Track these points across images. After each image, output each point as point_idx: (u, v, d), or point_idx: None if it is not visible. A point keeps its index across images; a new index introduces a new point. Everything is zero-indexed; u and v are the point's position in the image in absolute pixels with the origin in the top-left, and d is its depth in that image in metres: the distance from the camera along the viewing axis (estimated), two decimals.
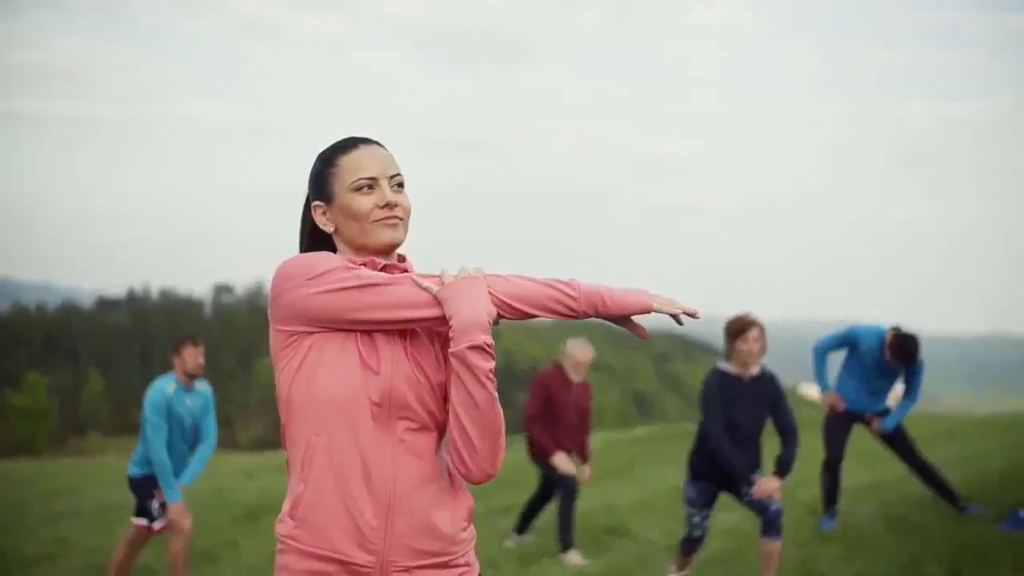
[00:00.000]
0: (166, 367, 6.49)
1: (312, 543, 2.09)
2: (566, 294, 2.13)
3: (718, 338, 5.91)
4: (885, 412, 7.01)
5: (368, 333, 2.10)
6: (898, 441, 7.03)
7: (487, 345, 2.04)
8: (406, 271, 2.21)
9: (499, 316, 2.11)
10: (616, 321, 2.17)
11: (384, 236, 2.16)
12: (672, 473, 12.64)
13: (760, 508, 5.32)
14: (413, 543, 2.10)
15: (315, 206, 2.22)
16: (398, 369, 2.10)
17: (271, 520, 10.96)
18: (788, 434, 5.43)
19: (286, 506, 2.14)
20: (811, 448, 7.00)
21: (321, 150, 2.25)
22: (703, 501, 5.56)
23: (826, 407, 7.11)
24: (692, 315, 2.18)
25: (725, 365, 5.44)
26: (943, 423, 13.92)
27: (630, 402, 77.54)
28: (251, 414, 59.82)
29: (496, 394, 2.08)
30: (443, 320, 2.08)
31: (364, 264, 2.16)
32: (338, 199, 2.17)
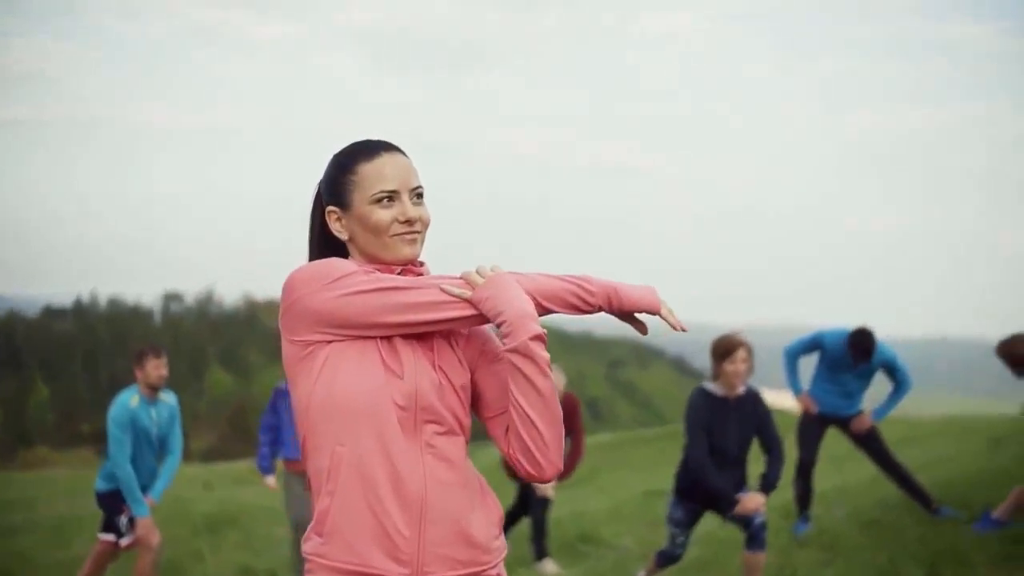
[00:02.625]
0: (113, 377, 6.42)
1: (341, 558, 2.00)
2: (584, 288, 2.12)
3: (672, 345, 5.88)
4: (859, 415, 7.03)
5: (388, 338, 2.03)
6: (872, 444, 7.07)
7: (544, 335, 2.01)
8: (421, 276, 2.14)
9: None
10: (621, 317, 2.17)
11: (403, 251, 2.10)
12: (635, 479, 12.66)
13: (744, 522, 5.28)
14: (447, 552, 2.03)
15: (330, 212, 2.14)
16: (422, 373, 2.04)
17: (233, 531, 10.79)
18: (773, 451, 5.40)
19: (312, 523, 2.06)
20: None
21: (337, 151, 2.17)
22: (688, 521, 5.51)
23: (801, 409, 7.13)
24: (682, 330, 2.21)
25: (711, 386, 5.36)
26: (900, 427, 14.03)
27: (583, 409, 77.63)
28: (203, 424, 58.98)
29: None
30: (471, 321, 2.04)
31: (379, 269, 2.09)
32: (356, 209, 2.10)
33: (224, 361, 72.19)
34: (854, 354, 6.79)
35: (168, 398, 6.31)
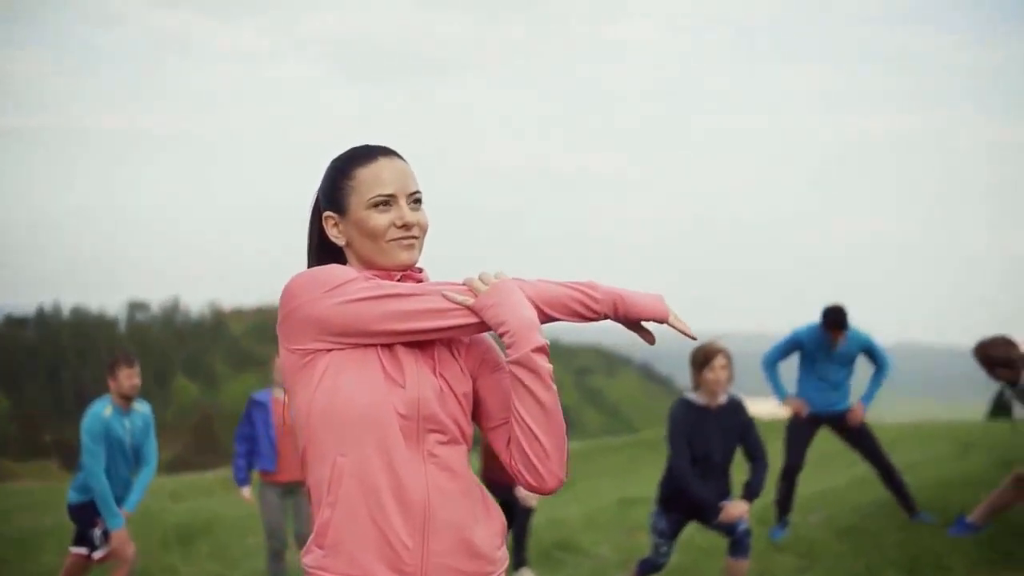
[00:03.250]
0: (77, 387, 6.31)
1: (344, 570, 1.96)
2: (588, 295, 2.07)
3: (640, 352, 5.87)
4: (852, 409, 7.05)
5: (389, 346, 2.00)
6: (866, 441, 7.08)
7: (547, 346, 1.97)
8: (421, 282, 2.11)
9: None
10: (627, 325, 2.12)
11: (400, 257, 2.07)
12: (609, 487, 12.64)
13: (728, 529, 5.28)
14: (451, 562, 1.99)
15: (327, 217, 2.12)
16: (424, 381, 2.01)
17: (204, 543, 10.66)
18: (757, 459, 5.40)
19: (312, 535, 2.01)
20: None
21: (335, 157, 2.14)
22: (672, 531, 5.50)
23: (791, 413, 7.13)
24: (691, 337, 2.18)
25: (692, 395, 5.35)
26: None
27: None
28: (168, 434, 58.30)
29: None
30: (473, 328, 2.01)
31: (378, 275, 2.06)
32: (353, 213, 2.07)
33: (190, 370, 71.58)
34: (830, 332, 6.83)
35: (142, 408, 6.22)
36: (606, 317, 2.09)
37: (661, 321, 2.11)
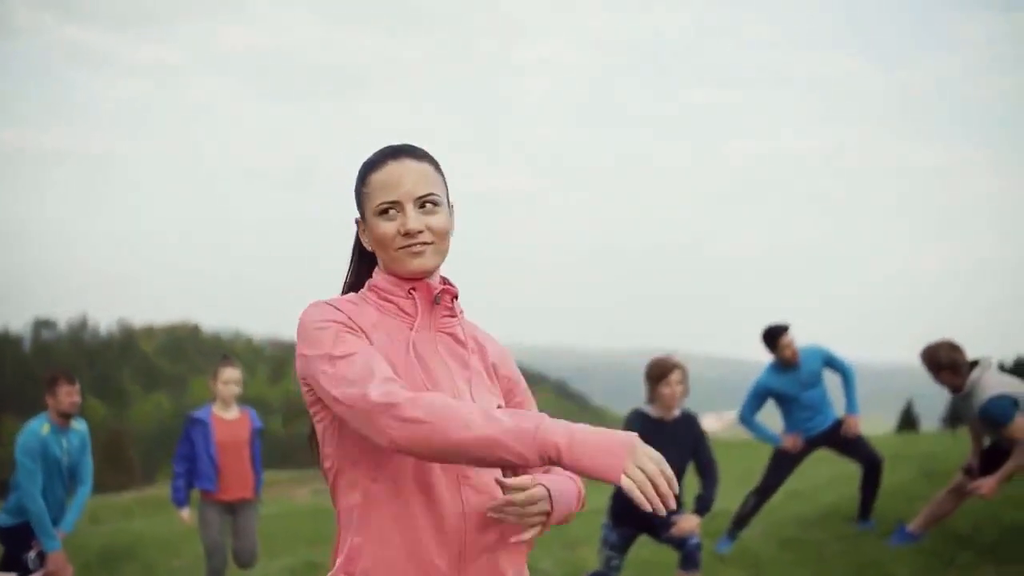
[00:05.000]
0: None
1: None
2: (508, 446, 1.72)
3: (554, 370, 5.88)
4: (838, 424, 7.09)
5: (421, 363, 1.94)
6: (860, 447, 7.10)
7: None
8: (455, 296, 2.05)
9: None
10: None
11: (409, 265, 1.97)
12: None
13: (679, 543, 5.31)
14: None
15: (357, 222, 2.06)
16: (460, 395, 1.94)
17: (129, 565, 10.39)
18: (709, 473, 5.43)
19: (339, 561, 1.92)
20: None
21: (367, 158, 2.06)
22: (623, 545, 5.51)
23: (789, 449, 7.11)
24: (654, 511, 1.69)
25: (647, 408, 5.38)
26: None
27: None
28: None
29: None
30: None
31: (414, 289, 1.98)
32: (368, 221, 2.00)
33: (98, 389, 69.82)
34: (778, 352, 6.90)
35: (79, 426, 6.03)
36: (539, 465, 1.75)
37: (611, 483, 1.69)
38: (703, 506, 5.36)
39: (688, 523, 5.24)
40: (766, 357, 7.15)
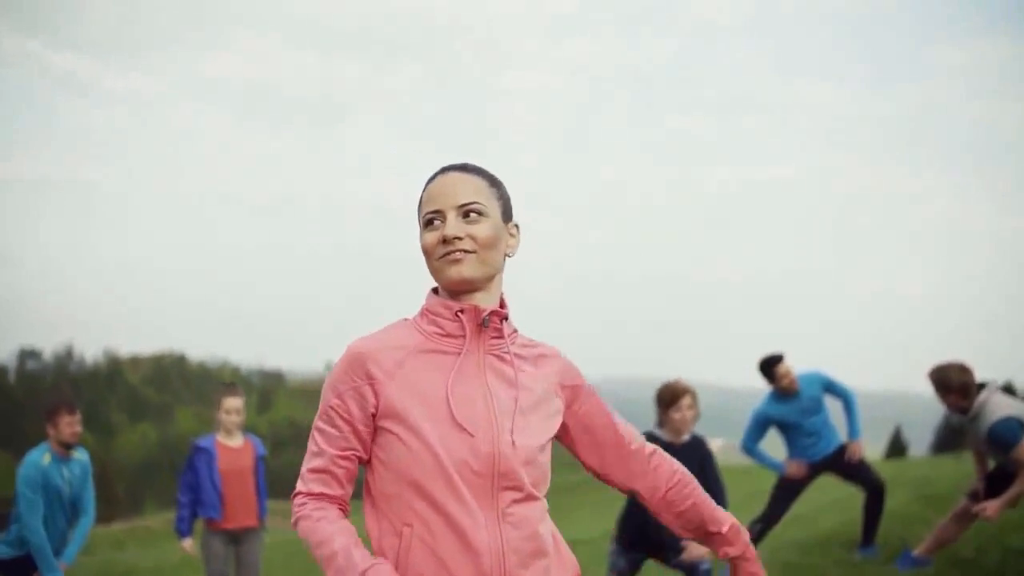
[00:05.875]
0: None
1: None
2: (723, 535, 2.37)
3: None
4: (841, 449, 7.08)
5: (459, 390, 1.90)
6: (864, 472, 7.09)
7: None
8: (504, 318, 2.01)
9: None
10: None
11: (448, 273, 1.93)
12: None
13: (689, 568, 5.29)
14: None
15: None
16: (501, 430, 1.89)
17: None
18: (717, 495, 5.42)
19: None
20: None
21: None
22: (631, 570, 5.48)
23: (793, 475, 7.11)
24: None
25: (658, 431, 5.39)
26: None
27: None
28: None
29: None
30: None
31: (462, 311, 1.95)
32: (420, 234, 2.00)
33: (84, 420, 68.77)
34: (776, 381, 6.91)
35: (81, 455, 6.00)
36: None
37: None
38: None
39: (699, 549, 5.22)
40: (752, 383, 7.15)
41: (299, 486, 1.96)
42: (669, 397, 5.30)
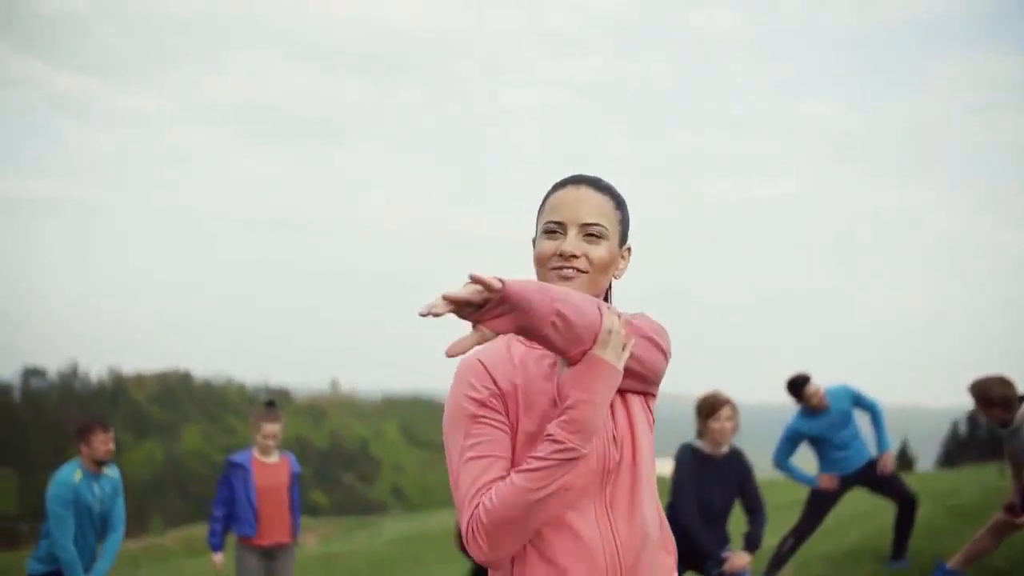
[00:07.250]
0: None
1: None
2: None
3: None
4: (872, 462, 7.08)
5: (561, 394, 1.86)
6: (895, 485, 7.09)
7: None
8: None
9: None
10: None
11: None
12: None
13: None
14: None
15: (532, 242, 2.05)
16: (608, 427, 1.88)
17: None
18: (756, 511, 5.43)
19: None
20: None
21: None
22: None
23: (826, 488, 7.12)
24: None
25: (698, 443, 5.39)
26: None
27: None
28: None
29: None
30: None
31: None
32: (536, 238, 2.01)
33: None
34: (805, 401, 6.91)
35: (111, 472, 6.00)
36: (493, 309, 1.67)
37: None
38: (752, 543, 5.34)
39: (740, 560, 5.22)
40: (756, 397, 7.21)
41: (468, 508, 1.80)
42: (708, 408, 5.31)
